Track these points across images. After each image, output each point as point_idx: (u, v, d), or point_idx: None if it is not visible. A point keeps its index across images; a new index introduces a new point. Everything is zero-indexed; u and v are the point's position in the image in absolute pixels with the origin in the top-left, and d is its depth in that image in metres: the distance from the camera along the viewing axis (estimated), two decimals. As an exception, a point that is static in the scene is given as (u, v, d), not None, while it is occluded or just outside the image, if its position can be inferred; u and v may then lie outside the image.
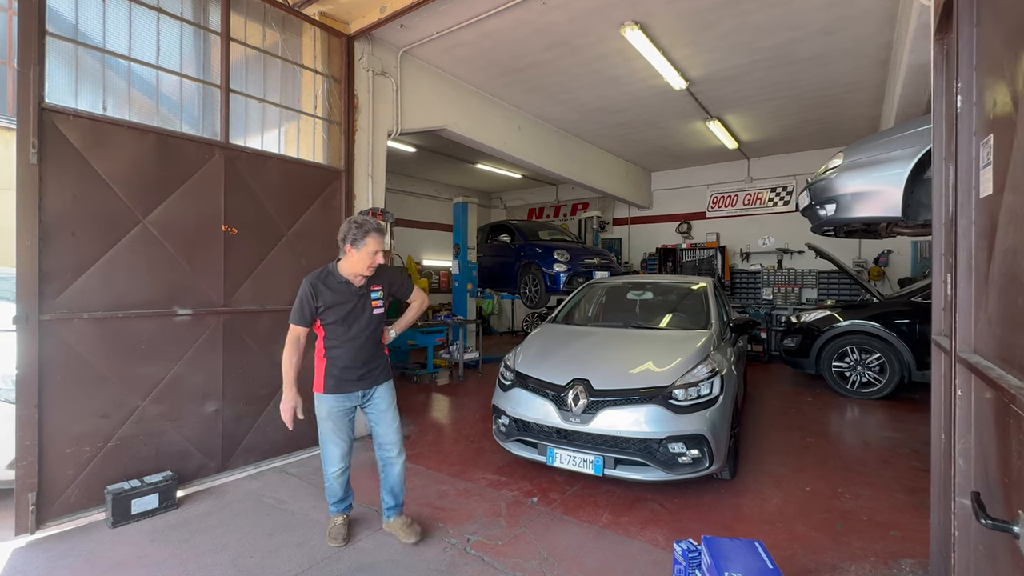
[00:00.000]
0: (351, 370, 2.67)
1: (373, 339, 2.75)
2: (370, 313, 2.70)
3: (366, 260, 2.56)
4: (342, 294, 2.61)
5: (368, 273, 2.61)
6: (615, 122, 7.72)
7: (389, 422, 2.81)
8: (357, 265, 2.57)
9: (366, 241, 2.53)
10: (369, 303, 2.70)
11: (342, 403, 2.71)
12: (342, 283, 2.61)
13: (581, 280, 7.80)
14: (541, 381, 3.66)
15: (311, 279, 2.59)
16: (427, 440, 4.69)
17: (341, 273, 2.62)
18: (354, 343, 2.66)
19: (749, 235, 10.27)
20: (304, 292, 2.56)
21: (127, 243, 3.24)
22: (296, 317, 2.58)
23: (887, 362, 6.11)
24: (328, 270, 2.65)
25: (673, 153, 9.65)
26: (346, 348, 2.64)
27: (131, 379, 3.27)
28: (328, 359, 2.66)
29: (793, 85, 6.27)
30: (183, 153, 3.49)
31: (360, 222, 2.55)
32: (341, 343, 2.64)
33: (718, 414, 3.36)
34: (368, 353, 2.73)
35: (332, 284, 2.60)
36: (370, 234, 2.54)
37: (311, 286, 2.57)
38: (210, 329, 3.65)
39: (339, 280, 2.61)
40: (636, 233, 11.82)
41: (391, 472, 2.84)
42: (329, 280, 2.61)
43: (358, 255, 2.55)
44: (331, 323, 2.62)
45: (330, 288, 2.59)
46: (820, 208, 3.95)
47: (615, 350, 3.97)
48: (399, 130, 5.11)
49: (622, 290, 5.34)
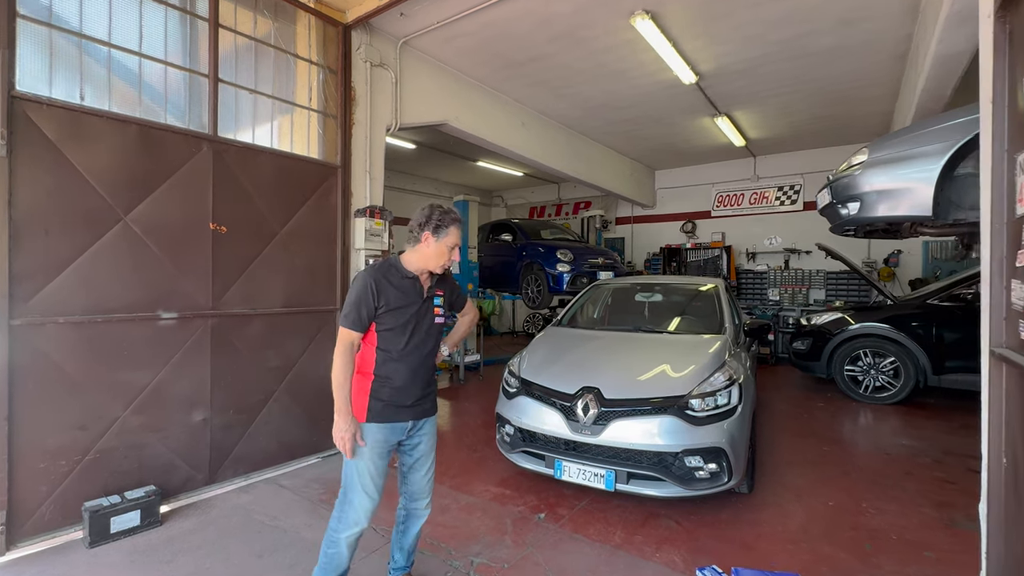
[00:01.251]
0: (405, 392, 2.12)
1: (432, 355, 2.24)
2: (432, 321, 2.20)
3: (444, 255, 2.11)
4: (408, 294, 2.11)
5: (439, 271, 2.16)
6: (620, 118, 7.51)
7: (428, 467, 2.30)
8: (431, 259, 2.11)
9: (449, 231, 2.09)
10: (432, 309, 2.21)
11: (387, 436, 2.13)
12: (408, 279, 2.12)
13: (585, 280, 7.60)
14: (548, 389, 3.46)
15: (372, 272, 2.09)
16: (427, 448, 4.48)
17: (407, 268, 2.14)
18: (412, 358, 2.13)
19: (755, 235, 10.07)
20: (363, 287, 2.04)
21: (107, 242, 3.03)
22: (352, 319, 2.03)
23: (902, 366, 5.92)
24: (391, 263, 2.15)
25: (678, 151, 9.44)
26: (403, 364, 2.11)
27: (111, 388, 3.06)
28: (377, 376, 2.10)
29: (806, 80, 6.06)
30: (168, 146, 3.28)
31: (446, 208, 2.15)
32: (397, 356, 2.10)
33: (737, 425, 3.16)
34: (427, 373, 2.22)
35: (396, 280, 2.10)
36: (455, 223, 2.11)
37: (373, 280, 2.06)
38: (197, 333, 3.44)
39: (405, 275, 2.12)
40: (639, 232, 11.62)
41: (413, 528, 2.35)
42: (392, 275, 2.11)
43: (436, 247, 2.09)
44: (387, 330, 2.09)
45: (394, 285, 2.09)
46: (842, 207, 3.74)
47: (625, 356, 3.77)
48: (398, 124, 4.89)
49: (630, 292, 5.14)
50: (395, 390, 2.10)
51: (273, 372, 3.86)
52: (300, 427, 4.02)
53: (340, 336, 2.04)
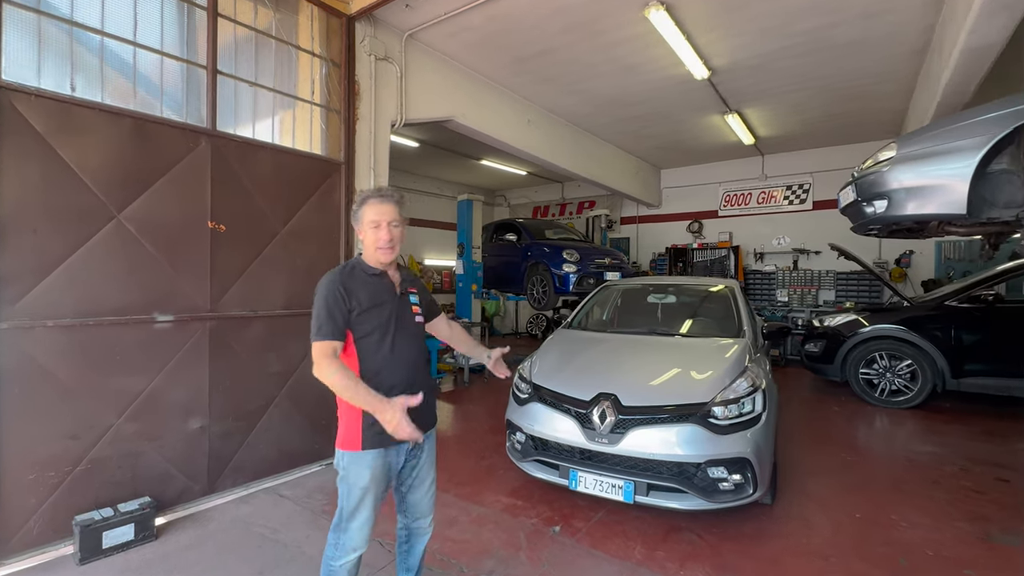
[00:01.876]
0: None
1: (424, 359, 2.05)
2: (413, 320, 2.01)
3: (370, 236, 1.89)
4: (379, 291, 1.92)
5: (387, 257, 1.92)
6: (629, 115, 7.36)
7: (430, 484, 2.10)
8: (369, 248, 1.93)
9: (363, 211, 1.90)
10: (410, 307, 2.02)
11: (388, 461, 1.91)
12: (375, 275, 1.93)
13: (591, 281, 7.45)
14: (562, 395, 3.30)
15: (335, 274, 1.88)
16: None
17: (369, 264, 1.96)
18: (403, 364, 1.92)
19: (763, 235, 9.91)
20: (330, 290, 1.81)
21: (99, 241, 2.88)
22: (326, 329, 1.76)
23: (919, 369, 5.76)
24: (354, 263, 1.97)
25: (686, 149, 9.29)
26: (394, 372, 1.88)
27: (104, 394, 2.91)
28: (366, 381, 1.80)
29: (821, 75, 5.90)
30: (164, 141, 3.13)
31: (359, 193, 2.04)
32: (385, 365, 1.87)
33: (762, 434, 3.01)
34: (423, 380, 2.01)
35: (362, 279, 1.90)
36: (367, 202, 1.91)
37: (340, 281, 1.84)
38: (194, 337, 3.29)
39: (370, 272, 1.93)
40: (644, 232, 11.46)
41: (418, 546, 2.16)
42: (357, 274, 1.90)
43: (363, 233, 1.92)
44: (366, 336, 1.85)
45: (362, 284, 1.88)
46: (867, 205, 3.59)
47: (641, 360, 3.61)
48: (403, 120, 4.74)
49: (642, 293, 4.98)
50: None
51: (274, 377, 3.71)
52: (302, 434, 3.87)
53: (317, 353, 1.74)
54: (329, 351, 1.75)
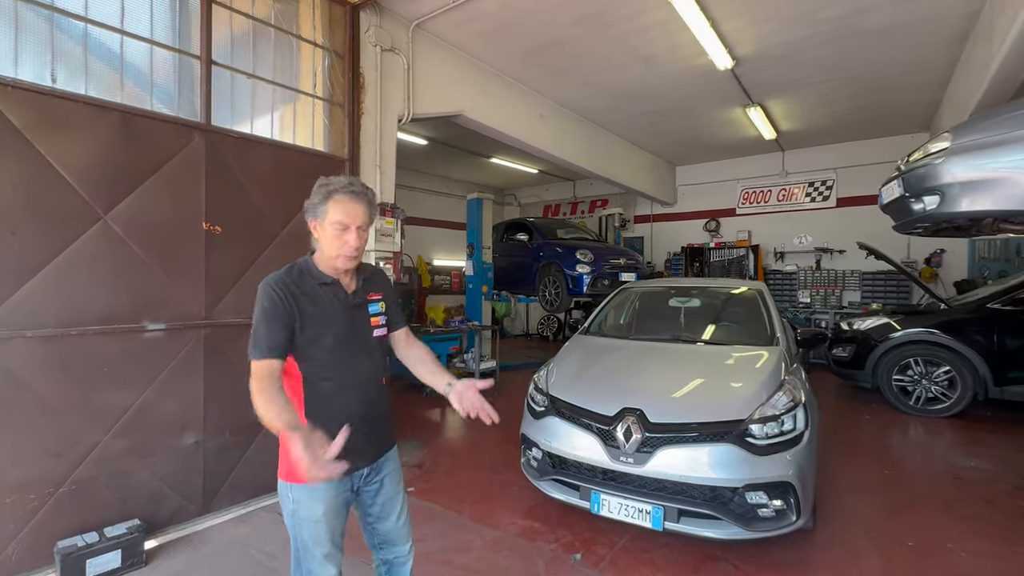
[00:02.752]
0: (354, 432, 1.47)
1: (379, 376, 1.74)
2: (371, 335, 1.70)
3: (333, 240, 1.55)
4: (327, 304, 1.60)
5: (345, 265, 1.59)
6: (644, 110, 7.07)
7: (400, 510, 1.82)
8: (325, 251, 1.59)
9: (328, 206, 1.53)
10: (368, 318, 1.70)
11: (340, 491, 1.63)
12: (326, 285, 1.61)
13: (606, 283, 7.18)
14: (582, 409, 3.04)
15: (278, 279, 1.54)
16: (442, 469, 4.08)
17: (321, 269, 1.62)
18: (357, 390, 1.65)
19: (783, 233, 9.56)
20: (271, 299, 1.50)
21: (84, 244, 2.67)
22: (264, 345, 1.47)
23: (958, 376, 5.41)
24: (300, 267, 1.61)
25: (703, 145, 8.97)
26: (344, 398, 1.61)
27: (89, 409, 2.70)
28: (310, 420, 1.44)
29: (850, 65, 5.58)
30: (155, 136, 2.91)
31: (324, 181, 1.58)
32: (334, 390, 1.60)
33: (804, 455, 2.72)
34: (376, 401, 1.72)
35: (310, 287, 1.58)
36: (334, 196, 1.54)
37: (281, 288, 1.52)
38: (188, 346, 3.07)
39: (321, 280, 1.60)
40: (659, 231, 11.14)
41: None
42: (305, 280, 1.59)
43: (322, 233, 1.57)
44: (314, 354, 1.57)
45: (308, 293, 1.57)
46: (915, 201, 3.28)
47: (668, 371, 3.34)
48: (411, 114, 4.50)
49: (663, 296, 4.70)
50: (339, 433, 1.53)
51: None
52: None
53: (252, 372, 1.45)
54: (264, 372, 1.45)
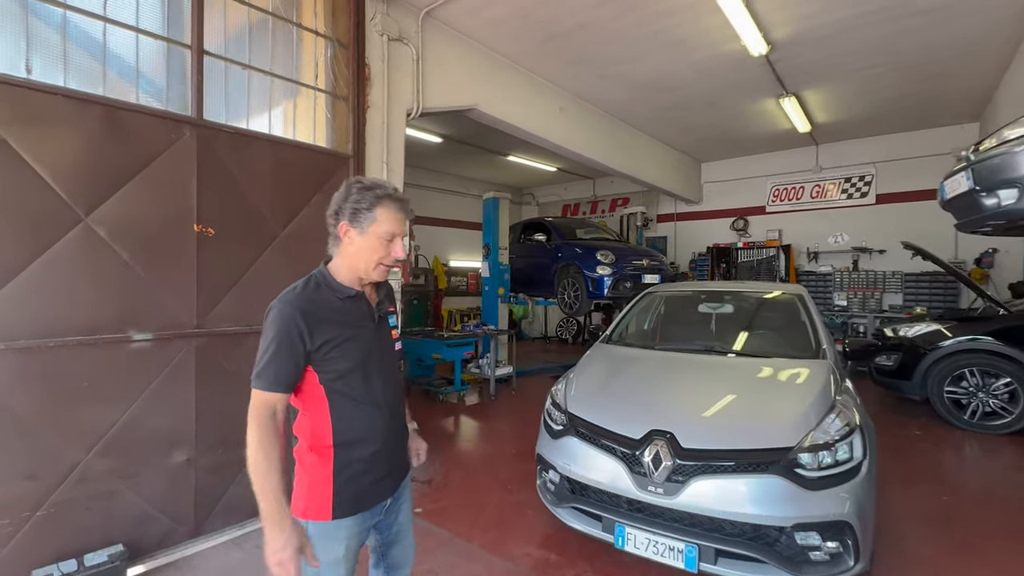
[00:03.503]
0: (384, 458, 1.49)
1: (402, 394, 1.65)
2: (393, 350, 1.59)
3: (378, 249, 1.41)
4: (355, 318, 1.44)
5: (381, 276, 1.47)
6: (670, 102, 6.68)
7: (410, 534, 1.71)
8: (360, 261, 1.42)
9: (377, 213, 1.39)
10: (389, 333, 1.58)
11: (362, 529, 1.50)
12: (349, 299, 1.44)
13: (628, 285, 6.83)
14: (604, 430, 2.72)
15: (296, 301, 1.36)
16: (454, 486, 3.81)
17: (341, 281, 1.45)
18: (386, 412, 1.50)
19: (817, 232, 9.03)
20: (286, 326, 1.32)
21: (63, 248, 2.47)
22: (271, 375, 1.31)
23: (1021, 389, 4.91)
24: (319, 280, 1.44)
25: (731, 139, 8.52)
26: (375, 416, 1.46)
27: (69, 427, 2.50)
28: (341, 446, 1.41)
29: (897, 49, 5.11)
30: (141, 131, 2.70)
31: (367, 184, 1.43)
32: (365, 409, 1.44)
33: (864, 489, 2.36)
34: (401, 419, 1.61)
35: (332, 301, 1.41)
36: (387, 200, 1.41)
37: (300, 313, 1.34)
38: (178, 357, 2.86)
39: (345, 293, 1.44)
40: (683, 231, 10.70)
41: None
42: (324, 296, 1.41)
43: (362, 241, 1.40)
44: (339, 377, 1.40)
45: (334, 311, 1.40)
46: (987, 196, 2.87)
47: (701, 387, 3.00)
48: (420, 108, 4.24)
49: (692, 301, 4.34)
50: (371, 458, 1.45)
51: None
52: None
53: (253, 403, 1.31)
54: (266, 407, 1.30)
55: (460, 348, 6.28)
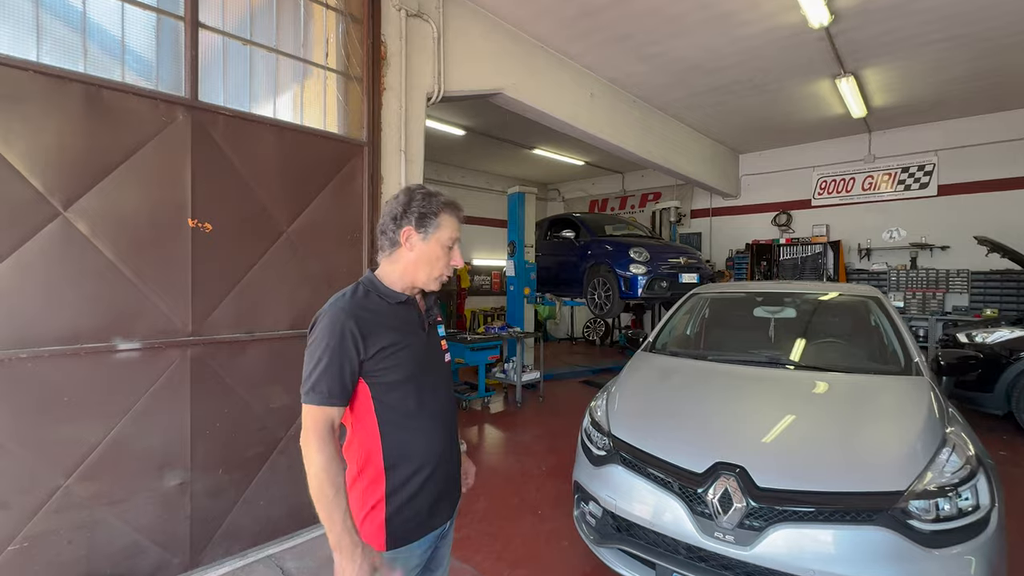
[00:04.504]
0: (437, 483, 1.37)
1: (454, 407, 1.52)
2: (444, 362, 1.48)
3: (440, 258, 1.36)
4: (407, 325, 1.36)
5: (437, 285, 1.41)
6: (711, 86, 6.15)
7: (446, 564, 1.57)
8: (422, 268, 1.35)
9: (442, 220, 1.35)
10: (439, 343, 1.49)
11: (421, 560, 1.39)
12: (403, 304, 1.36)
13: (663, 284, 6.34)
14: (658, 460, 2.29)
15: (348, 307, 1.27)
16: (479, 509, 3.43)
17: (391, 287, 1.36)
18: (439, 428, 1.39)
19: (870, 227, 8.32)
20: (340, 333, 1.23)
21: (37, 246, 2.17)
22: (325, 388, 1.21)
23: None
24: (369, 287, 1.35)
25: (774, 127, 7.90)
26: (430, 435, 1.36)
27: (47, 448, 2.21)
28: (392, 469, 1.29)
29: (981, 17, 4.50)
30: (127, 114, 2.39)
31: (431, 191, 1.38)
32: (418, 426, 1.33)
33: (994, 547, 1.88)
34: (454, 442, 1.49)
35: (383, 308, 1.32)
36: (450, 208, 1.37)
37: (354, 320, 1.25)
38: (171, 368, 2.55)
39: (396, 299, 1.35)
40: (720, 227, 10.09)
41: None
42: (375, 302, 1.32)
43: (425, 248, 1.34)
44: (391, 390, 1.30)
45: (386, 317, 1.31)
46: None
47: (771, 409, 2.53)
48: (441, 92, 3.86)
49: (745, 304, 3.84)
50: (426, 480, 1.34)
51: (277, 414, 2.94)
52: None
53: (308, 421, 1.21)
54: (324, 423, 1.21)
55: (484, 352, 5.91)
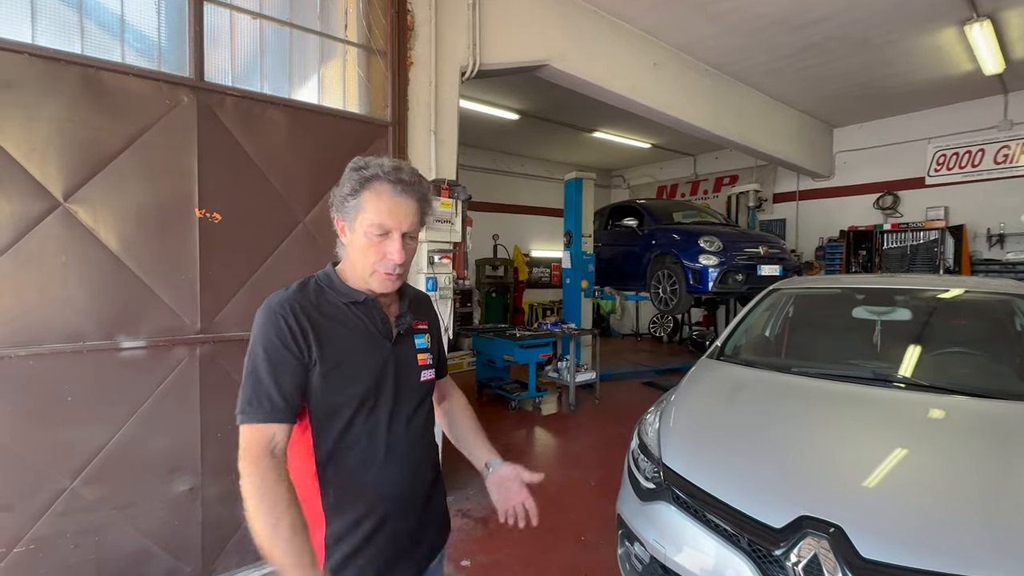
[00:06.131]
0: (391, 538, 1.10)
1: (428, 439, 1.23)
2: (419, 379, 1.19)
3: (364, 251, 1.07)
4: (360, 330, 1.11)
5: (381, 286, 1.10)
6: (798, 45, 5.28)
7: None
8: (357, 265, 1.10)
9: (360, 201, 1.06)
10: (414, 354, 1.19)
11: None
12: (357, 304, 1.12)
13: (739, 278, 5.60)
14: (720, 504, 1.78)
15: (284, 303, 1.05)
16: (513, 530, 3.06)
17: (348, 283, 1.13)
18: (395, 454, 1.11)
19: (1004, 208, 6.90)
20: (277, 332, 1.02)
21: (36, 238, 2.08)
22: (260, 402, 0.99)
23: None
24: (319, 280, 1.13)
25: (879, 93, 6.74)
26: (379, 470, 1.09)
27: (50, 450, 2.13)
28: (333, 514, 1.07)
29: None
30: (128, 97, 2.25)
31: (361, 163, 1.08)
32: (367, 458, 1.08)
33: None
34: (425, 476, 1.20)
35: (333, 308, 1.10)
36: (370, 184, 1.06)
37: (293, 315, 1.04)
38: (180, 367, 2.41)
39: (349, 298, 1.11)
40: (807, 212, 8.93)
41: None
42: (326, 300, 1.10)
43: (353, 240, 1.09)
44: (337, 407, 1.06)
45: (332, 317, 1.09)
46: None
47: (882, 444, 1.91)
48: (477, 65, 3.49)
49: (842, 303, 3.14)
50: (373, 535, 1.07)
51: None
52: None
53: (242, 443, 0.99)
54: (261, 444, 0.98)
55: (535, 350, 5.52)
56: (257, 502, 0.93)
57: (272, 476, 0.95)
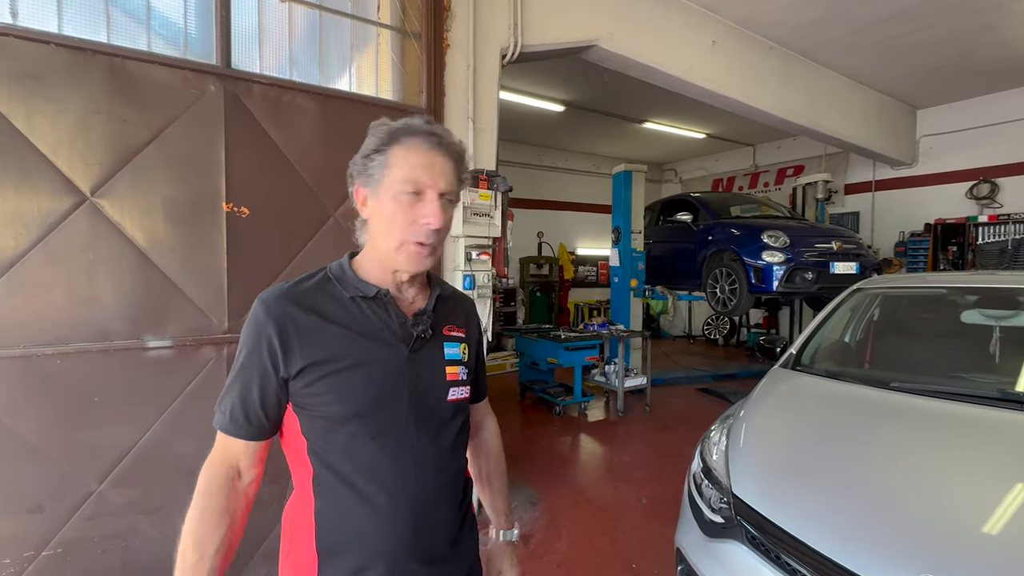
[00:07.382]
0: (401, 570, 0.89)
1: (455, 473, 0.99)
2: (444, 397, 0.96)
3: (394, 217, 0.87)
4: (370, 330, 0.91)
5: (414, 262, 0.90)
6: (879, 15, 4.69)
7: None
8: (381, 238, 0.90)
9: (388, 156, 0.87)
10: (441, 363, 0.98)
11: None
12: (368, 299, 0.92)
13: (809, 276, 5.07)
14: (811, 552, 1.44)
15: (276, 297, 0.89)
16: (558, 551, 2.81)
17: (364, 276, 0.94)
18: (397, 497, 0.88)
19: None
20: (254, 332, 0.87)
21: (62, 234, 2.03)
22: (225, 406, 0.88)
23: None
24: (333, 272, 0.95)
25: (974, 67, 5.95)
26: (383, 516, 0.87)
27: (77, 451, 2.08)
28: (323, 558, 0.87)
29: None
30: (154, 87, 2.17)
31: (382, 122, 0.92)
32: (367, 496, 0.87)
33: None
34: (448, 520, 0.96)
35: (337, 304, 0.91)
36: (401, 138, 0.88)
37: (274, 316, 0.87)
38: (208, 367, 2.32)
39: (359, 291, 0.92)
40: (885, 203, 8.09)
41: None
42: (332, 295, 0.92)
43: (377, 207, 0.90)
44: (327, 432, 0.88)
45: (329, 316, 0.90)
46: None
47: (1019, 479, 1.52)
48: (519, 47, 3.25)
49: (943, 305, 2.67)
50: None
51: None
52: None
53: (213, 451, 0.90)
54: (221, 460, 0.89)
55: (580, 352, 5.22)
56: (186, 531, 0.86)
57: (214, 509, 0.87)
